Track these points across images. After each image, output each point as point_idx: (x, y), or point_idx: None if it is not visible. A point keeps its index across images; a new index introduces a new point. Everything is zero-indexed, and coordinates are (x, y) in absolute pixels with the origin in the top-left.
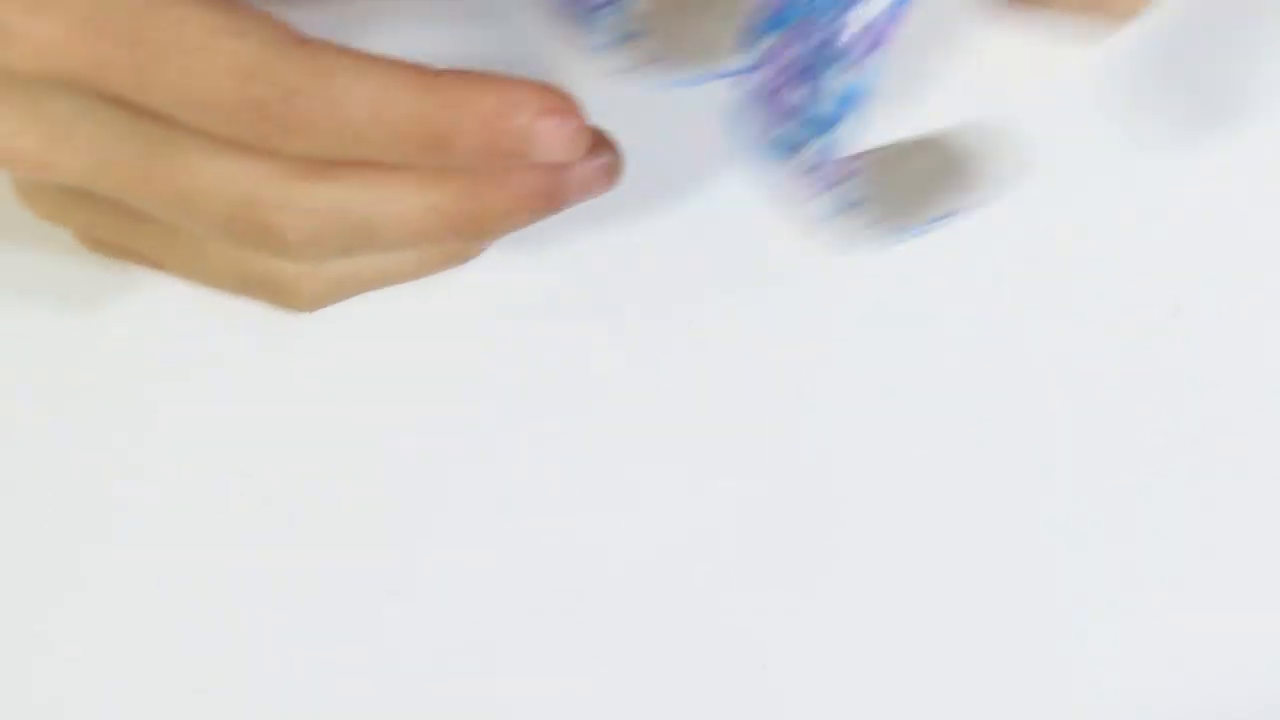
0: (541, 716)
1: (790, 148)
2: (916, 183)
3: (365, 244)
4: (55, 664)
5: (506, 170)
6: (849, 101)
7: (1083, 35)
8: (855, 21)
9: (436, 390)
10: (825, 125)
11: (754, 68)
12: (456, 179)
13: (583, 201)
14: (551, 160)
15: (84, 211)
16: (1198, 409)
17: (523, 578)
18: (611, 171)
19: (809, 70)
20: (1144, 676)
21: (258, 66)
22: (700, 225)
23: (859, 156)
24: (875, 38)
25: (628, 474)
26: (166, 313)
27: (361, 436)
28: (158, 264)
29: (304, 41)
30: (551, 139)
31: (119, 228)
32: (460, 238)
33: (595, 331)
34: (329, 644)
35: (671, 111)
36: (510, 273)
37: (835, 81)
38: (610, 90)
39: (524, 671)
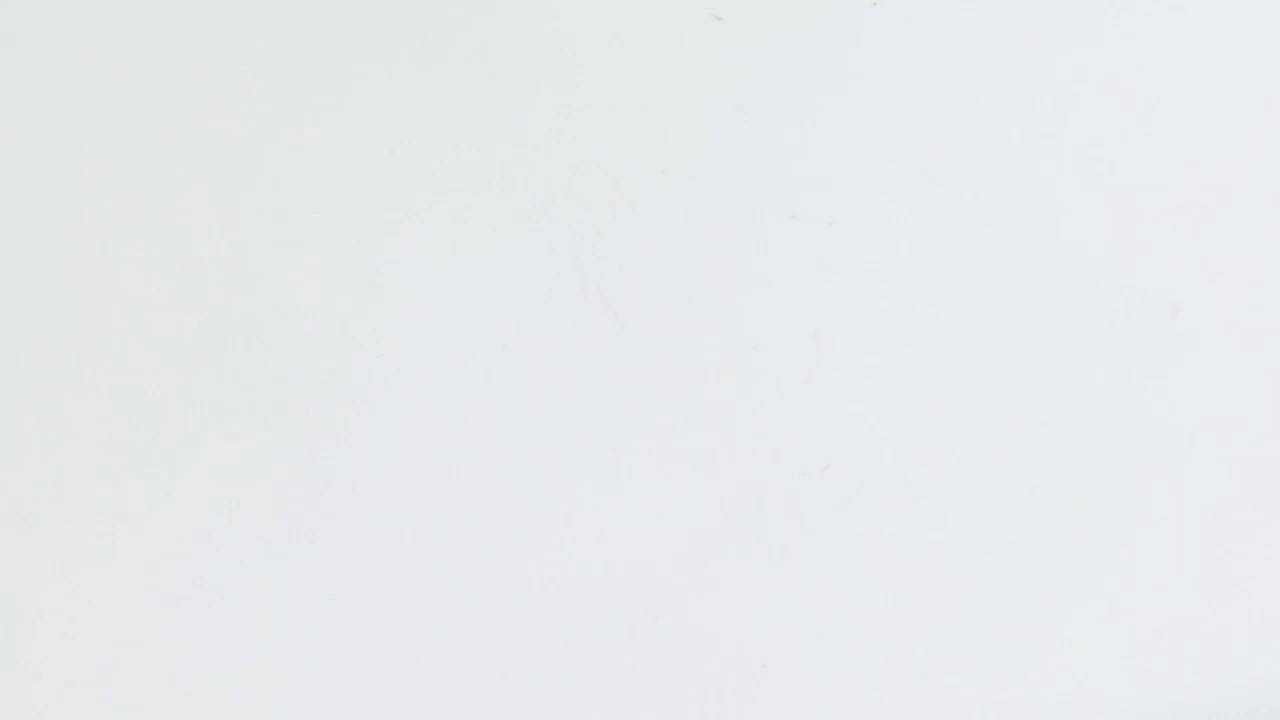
0: (541, 716)
1: None
2: None
3: None
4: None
5: None
6: None
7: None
8: None
9: (429, 389)
10: None
11: None
12: None
13: None
14: None
15: None
16: (1198, 409)
17: (521, 577)
18: None
19: None
20: (1142, 674)
21: None
22: (700, 224)
23: None
24: None
25: (628, 473)
26: (156, 314)
27: (356, 434)
28: None
29: None
30: None
31: None
32: None
33: (593, 329)
34: (328, 642)
35: (670, 112)
36: (507, 272)
37: None
38: (607, 96)
39: (523, 671)
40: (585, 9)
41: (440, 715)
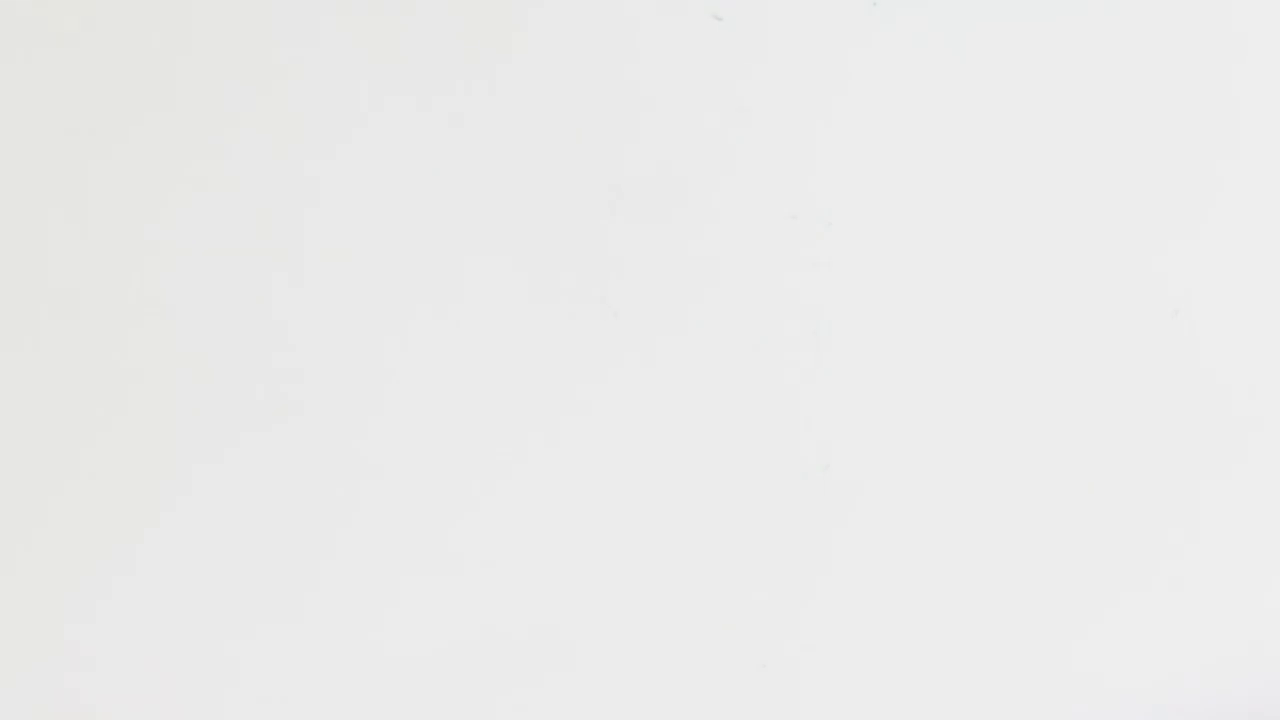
0: (542, 715)
1: None
2: None
3: None
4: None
5: None
6: None
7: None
8: None
9: (429, 388)
10: None
11: None
12: None
13: None
14: None
15: None
16: (1198, 408)
17: (520, 575)
18: None
19: None
20: (1142, 673)
21: None
22: (700, 224)
23: None
24: None
25: (627, 472)
26: (166, 312)
27: (355, 433)
28: None
29: None
30: None
31: None
32: None
33: (593, 329)
34: (332, 643)
35: (670, 112)
36: (506, 275)
37: None
38: (607, 96)
39: (523, 670)
40: (586, 9)
41: (439, 713)
